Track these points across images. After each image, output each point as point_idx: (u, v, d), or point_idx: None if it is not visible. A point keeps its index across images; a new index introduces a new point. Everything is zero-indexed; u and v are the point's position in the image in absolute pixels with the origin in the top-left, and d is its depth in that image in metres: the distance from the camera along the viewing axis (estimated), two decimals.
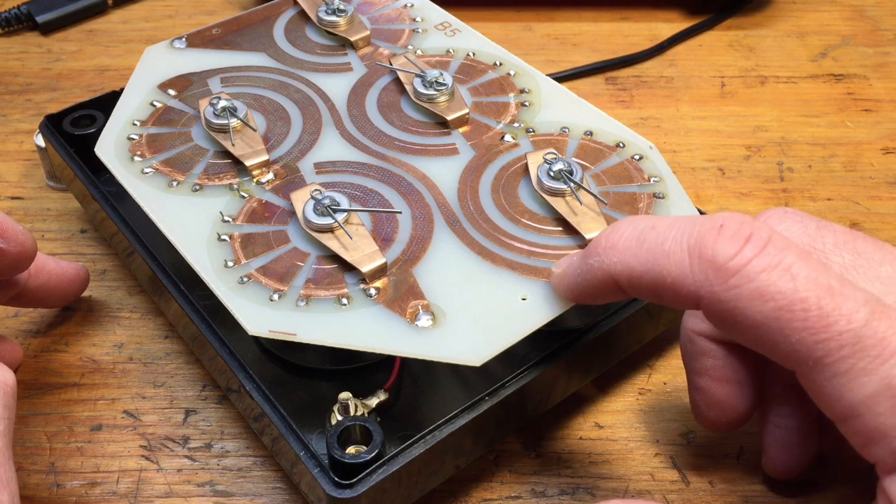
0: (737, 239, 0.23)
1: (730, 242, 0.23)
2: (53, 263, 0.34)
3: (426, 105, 0.36)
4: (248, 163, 0.33)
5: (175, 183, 0.33)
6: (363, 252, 0.30)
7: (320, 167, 0.34)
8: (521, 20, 0.54)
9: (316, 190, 0.31)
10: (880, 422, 0.22)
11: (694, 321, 0.28)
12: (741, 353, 0.28)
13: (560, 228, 0.31)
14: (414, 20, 0.42)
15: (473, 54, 0.39)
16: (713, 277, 0.23)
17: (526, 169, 0.33)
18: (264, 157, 0.33)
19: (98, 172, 0.36)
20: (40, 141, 0.40)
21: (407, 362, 0.31)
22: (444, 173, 0.34)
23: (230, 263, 0.30)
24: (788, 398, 0.28)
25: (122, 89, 0.38)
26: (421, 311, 0.28)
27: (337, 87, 0.38)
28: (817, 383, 0.23)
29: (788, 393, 0.28)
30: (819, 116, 0.47)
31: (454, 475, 0.30)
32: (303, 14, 0.42)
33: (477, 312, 0.28)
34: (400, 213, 0.32)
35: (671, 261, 0.24)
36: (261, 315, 0.28)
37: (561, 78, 0.48)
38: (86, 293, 0.37)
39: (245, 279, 0.29)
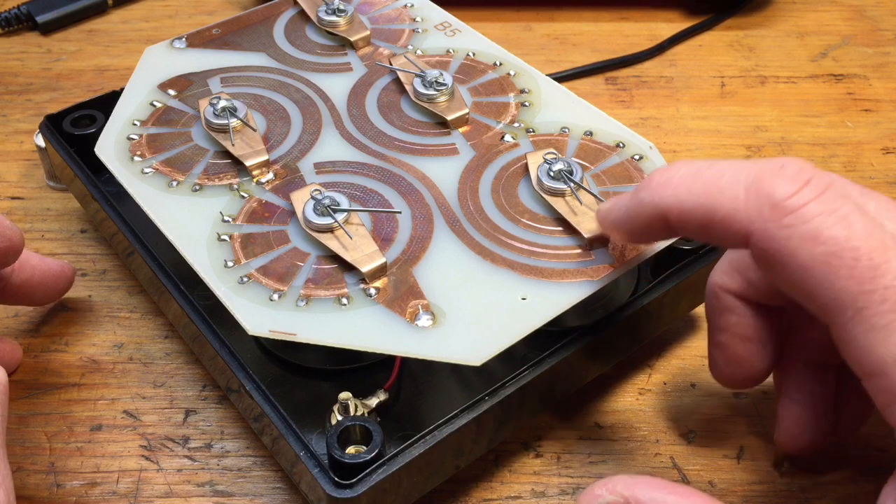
0: (797, 180, 0.23)
1: (789, 182, 0.23)
2: (38, 259, 0.34)
3: (426, 105, 0.36)
4: (248, 163, 0.33)
5: (175, 183, 0.33)
6: (363, 252, 0.30)
7: (320, 167, 0.34)
8: (521, 20, 0.54)
9: (316, 190, 0.31)
10: None
11: (722, 277, 0.28)
12: (765, 313, 0.28)
13: (560, 228, 0.31)
14: (414, 20, 0.42)
15: (473, 54, 0.39)
16: (768, 214, 0.23)
17: (526, 169, 0.33)
18: (264, 157, 0.33)
19: (98, 172, 0.36)
20: (40, 141, 0.40)
21: (407, 362, 0.31)
22: (444, 173, 0.34)
23: (230, 263, 0.30)
24: (807, 374, 0.29)
25: (122, 89, 0.38)
26: (421, 311, 0.28)
27: (337, 87, 0.38)
28: (852, 335, 0.22)
29: (808, 369, 0.29)
30: (819, 116, 0.47)
31: (454, 475, 0.30)
32: (303, 14, 0.42)
33: (477, 312, 0.28)
34: (400, 213, 0.32)
35: (726, 196, 0.24)
36: (261, 315, 0.28)
37: (561, 78, 0.48)
38: (86, 293, 0.37)
39: (245, 279, 0.29)
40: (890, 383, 0.22)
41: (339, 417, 0.29)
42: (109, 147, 0.34)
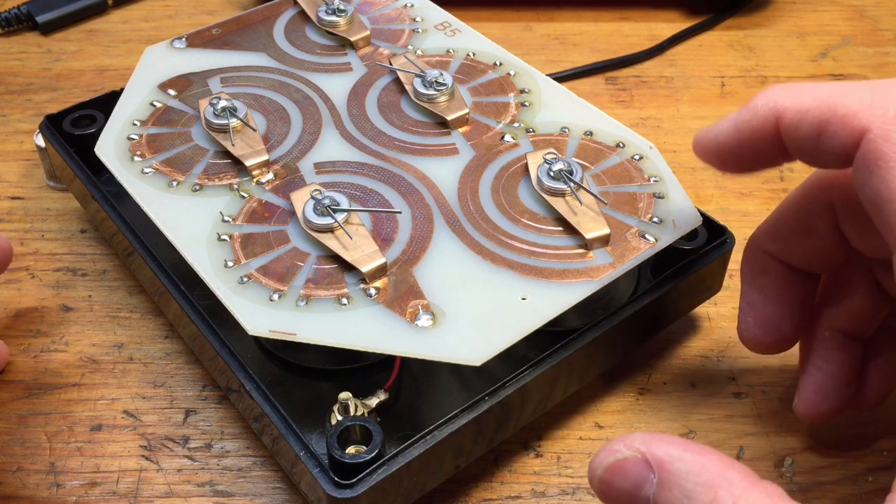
0: None
1: None
2: None
3: (426, 105, 0.36)
4: (248, 163, 0.33)
5: (175, 183, 0.33)
6: (363, 252, 0.30)
7: (320, 167, 0.34)
8: (521, 20, 0.54)
9: (316, 190, 0.31)
10: None
11: (764, 238, 0.29)
12: (801, 279, 0.28)
13: (560, 228, 0.31)
14: (414, 20, 0.42)
15: (473, 54, 0.39)
16: (892, 116, 0.23)
17: (526, 169, 0.33)
18: (264, 157, 0.33)
19: (98, 172, 0.36)
20: (40, 141, 0.40)
21: (407, 362, 0.31)
22: (444, 173, 0.34)
23: (230, 263, 0.30)
24: (836, 343, 0.29)
25: (122, 89, 0.38)
26: (421, 311, 0.28)
27: (337, 87, 0.38)
28: None
29: (837, 338, 0.29)
30: None
31: (454, 475, 0.30)
32: (303, 14, 0.42)
33: (477, 312, 0.29)
34: (400, 213, 0.32)
35: (851, 97, 0.24)
36: (261, 315, 0.28)
37: (561, 78, 0.48)
38: (86, 293, 0.37)
39: (245, 279, 0.29)
40: None
41: (339, 417, 0.29)
42: (109, 147, 0.34)
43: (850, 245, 0.28)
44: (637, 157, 0.34)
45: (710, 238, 0.33)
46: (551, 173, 0.32)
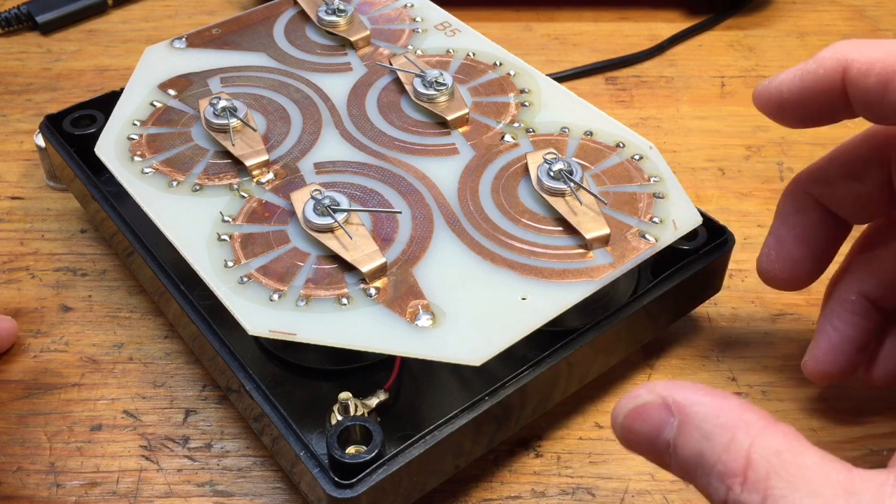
0: None
1: None
2: None
3: (426, 105, 0.36)
4: (248, 163, 0.33)
5: (175, 183, 0.33)
6: (363, 252, 0.30)
7: (320, 167, 0.34)
8: (521, 20, 0.54)
9: (316, 190, 0.31)
10: None
11: (809, 178, 0.29)
12: (834, 227, 0.29)
13: (560, 228, 0.31)
14: (414, 20, 0.42)
15: (473, 54, 0.39)
16: None
17: (526, 169, 0.33)
18: (264, 157, 0.33)
19: (98, 172, 0.36)
20: (40, 141, 0.40)
21: (407, 362, 0.31)
22: (443, 173, 0.34)
23: (230, 263, 0.30)
24: (857, 307, 0.29)
25: (122, 89, 0.38)
26: (421, 311, 0.28)
27: (337, 87, 0.38)
28: None
29: (859, 302, 0.29)
30: None
31: (454, 475, 0.30)
32: (303, 14, 0.42)
33: (477, 312, 0.28)
34: (400, 213, 0.32)
35: None
36: (261, 315, 0.28)
37: (561, 78, 0.48)
38: (86, 293, 0.37)
39: (245, 279, 0.29)
40: None
41: (339, 417, 0.29)
42: (109, 147, 0.34)
43: None
44: (637, 157, 0.34)
45: (710, 238, 0.33)
46: (551, 173, 0.32)
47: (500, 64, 0.39)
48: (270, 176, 0.33)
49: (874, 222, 0.30)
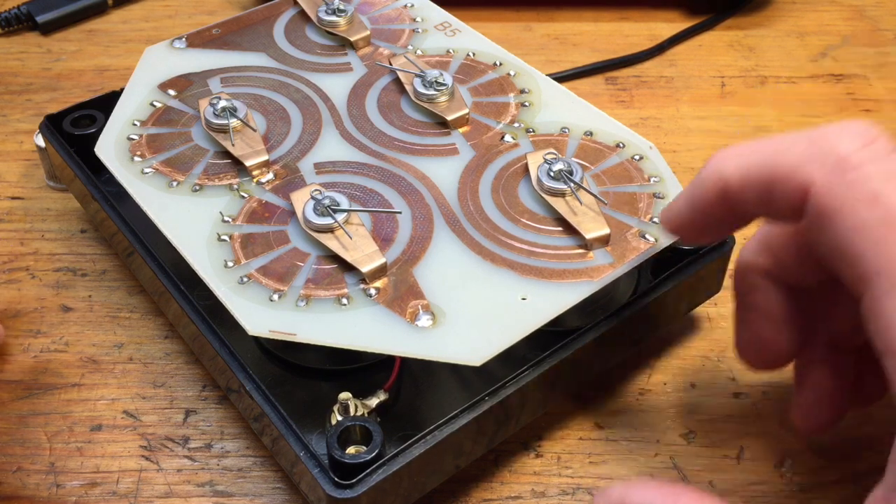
0: (864, 137, 0.23)
1: (856, 138, 0.23)
2: None
3: (426, 105, 0.36)
4: (248, 163, 0.33)
5: (175, 183, 0.33)
6: (363, 252, 0.30)
7: (320, 167, 0.34)
8: (521, 20, 0.54)
9: (316, 190, 0.31)
10: None
11: (752, 255, 0.28)
12: (793, 295, 0.28)
13: (560, 228, 0.31)
14: (414, 20, 0.42)
15: (473, 54, 0.39)
16: (830, 167, 0.23)
17: (526, 169, 0.33)
18: (264, 157, 0.33)
19: (98, 172, 0.36)
20: (40, 141, 0.40)
21: (407, 362, 0.31)
22: (443, 173, 0.34)
23: (230, 263, 0.30)
24: (828, 359, 0.29)
25: (122, 89, 0.38)
26: (421, 311, 0.28)
27: (337, 87, 0.38)
28: (884, 307, 0.22)
29: (830, 354, 0.29)
30: (819, 116, 0.47)
31: (454, 475, 0.30)
32: (303, 14, 0.42)
33: (477, 312, 0.28)
34: (400, 213, 0.32)
35: (791, 151, 0.23)
36: (261, 315, 0.28)
37: (561, 78, 0.48)
38: (86, 293, 0.37)
39: (245, 279, 0.29)
40: None
41: (339, 417, 0.29)
42: (109, 147, 0.34)
43: None
44: (637, 157, 0.34)
45: None
46: (551, 173, 0.32)
47: (500, 64, 0.39)
48: (270, 176, 0.33)
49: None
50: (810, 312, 0.28)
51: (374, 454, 0.26)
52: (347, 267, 0.30)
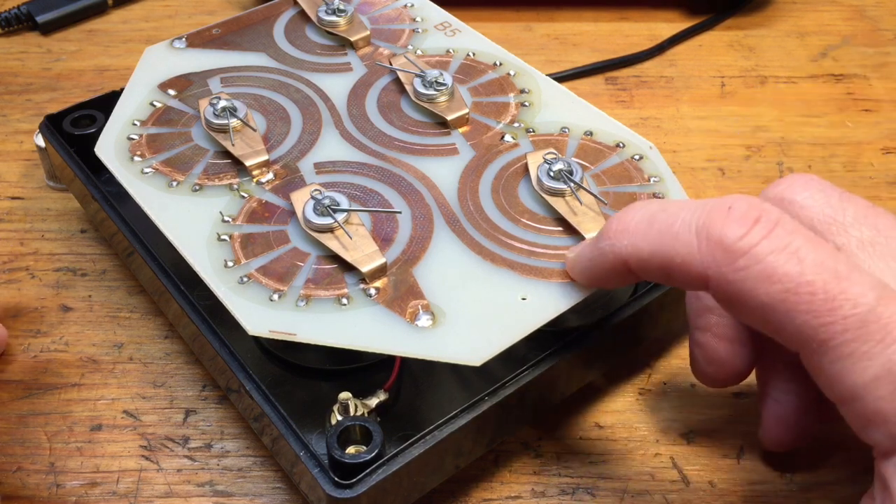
0: (746, 220, 0.23)
1: (738, 224, 0.23)
2: None
3: (426, 105, 0.36)
4: (248, 163, 0.33)
5: (175, 183, 0.33)
6: (363, 252, 0.30)
7: (320, 167, 0.34)
8: (521, 20, 0.54)
9: (316, 190, 0.31)
10: (880, 406, 0.22)
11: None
12: None
13: (560, 228, 0.31)
14: (414, 20, 0.42)
15: (473, 54, 0.39)
16: (721, 258, 0.23)
17: (526, 169, 0.33)
18: (264, 157, 0.33)
19: (98, 172, 0.36)
20: (40, 141, 0.40)
21: (407, 362, 0.31)
22: (443, 173, 0.34)
23: (230, 263, 0.30)
24: (789, 374, 0.29)
25: (122, 89, 0.38)
26: (421, 311, 0.28)
27: (337, 87, 0.38)
28: (820, 365, 0.23)
29: (790, 370, 0.29)
30: (819, 116, 0.47)
31: (454, 475, 0.30)
32: (303, 14, 0.42)
33: (477, 312, 0.28)
34: (400, 213, 0.32)
35: (680, 242, 0.24)
36: (261, 315, 0.28)
37: (561, 78, 0.48)
38: (86, 293, 0.37)
39: (245, 279, 0.29)
40: (862, 409, 0.22)
41: (339, 417, 0.29)
42: (109, 147, 0.34)
43: None
44: (637, 157, 0.34)
45: None
46: (551, 173, 0.32)
47: (500, 64, 0.39)
48: (270, 176, 0.33)
49: None
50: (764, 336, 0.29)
51: (373, 454, 0.26)
52: (347, 267, 0.30)
